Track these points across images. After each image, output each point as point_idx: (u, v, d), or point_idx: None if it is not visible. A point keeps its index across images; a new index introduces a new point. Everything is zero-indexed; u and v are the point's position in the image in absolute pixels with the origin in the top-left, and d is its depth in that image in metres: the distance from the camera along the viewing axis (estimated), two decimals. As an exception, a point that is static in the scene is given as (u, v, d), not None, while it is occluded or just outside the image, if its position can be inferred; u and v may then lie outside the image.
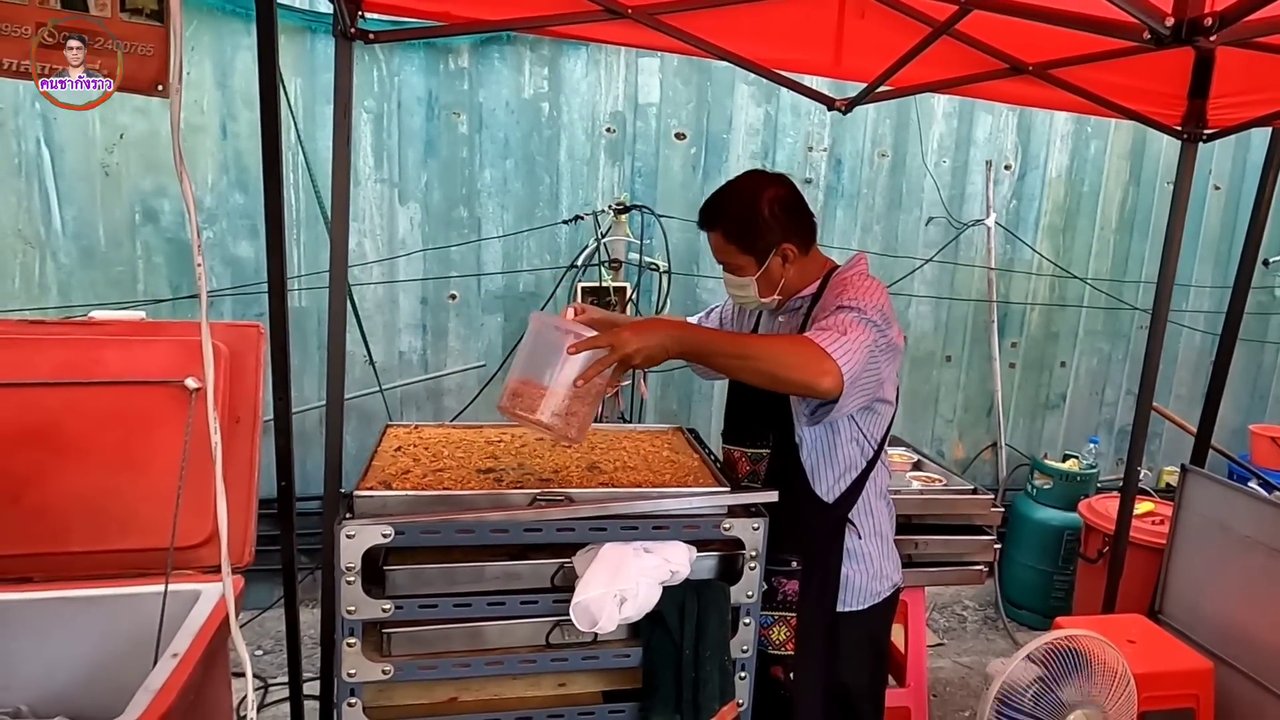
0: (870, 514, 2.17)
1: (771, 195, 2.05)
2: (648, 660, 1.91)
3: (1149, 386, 3.15)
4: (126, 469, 2.33)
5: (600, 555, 1.83)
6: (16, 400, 2.27)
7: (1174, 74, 2.83)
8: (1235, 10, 1.26)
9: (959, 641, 4.29)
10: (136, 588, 2.13)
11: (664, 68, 4.04)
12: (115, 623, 2.11)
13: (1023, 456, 4.84)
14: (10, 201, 3.53)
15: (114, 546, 2.25)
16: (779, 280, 2.11)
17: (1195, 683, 2.65)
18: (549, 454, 2.20)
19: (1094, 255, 4.79)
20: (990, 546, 3.14)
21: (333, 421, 2.24)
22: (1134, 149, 4.62)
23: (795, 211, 2.09)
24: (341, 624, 1.75)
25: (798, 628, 2.12)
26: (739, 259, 2.08)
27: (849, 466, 2.11)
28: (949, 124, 4.43)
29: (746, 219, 2.05)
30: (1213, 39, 1.30)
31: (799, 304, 2.16)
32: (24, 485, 2.24)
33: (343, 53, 2.14)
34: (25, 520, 2.23)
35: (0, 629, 2.07)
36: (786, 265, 2.09)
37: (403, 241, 3.96)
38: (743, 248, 2.06)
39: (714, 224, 2.08)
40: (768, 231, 2.04)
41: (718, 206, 2.09)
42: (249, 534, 2.42)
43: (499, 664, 1.85)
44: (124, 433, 2.34)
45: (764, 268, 2.07)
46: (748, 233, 2.05)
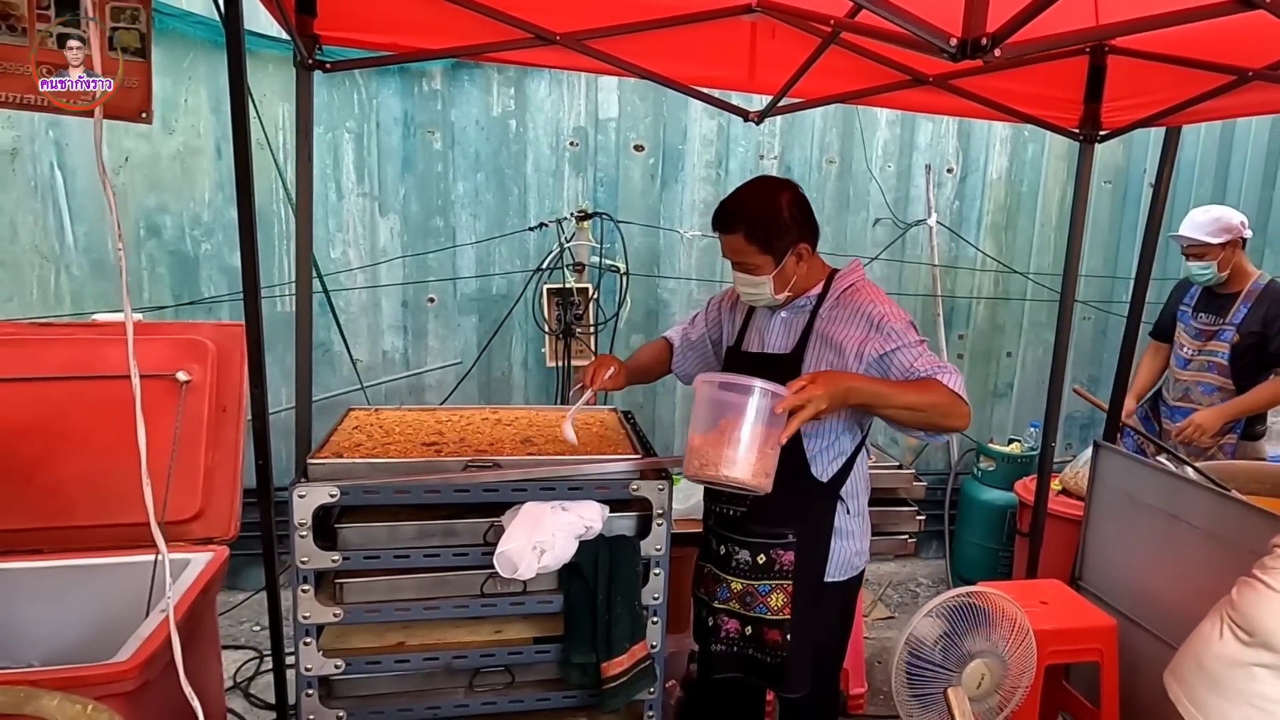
0: (857, 494, 2.30)
1: (789, 198, 2.14)
2: (568, 606, 2.12)
3: (1059, 369, 3.34)
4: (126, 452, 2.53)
5: (522, 512, 2.04)
6: (28, 393, 2.49)
7: (1070, 81, 2.95)
8: (1003, 31, 1.48)
9: (910, 614, 4.44)
10: (134, 557, 2.31)
11: (622, 85, 4.23)
12: (116, 588, 2.29)
13: (973, 442, 4.99)
14: (28, 220, 3.77)
15: (115, 521, 2.42)
16: (792, 278, 2.18)
17: (1100, 638, 2.77)
18: (489, 432, 2.42)
19: (1035, 251, 4.94)
20: (914, 517, 3.31)
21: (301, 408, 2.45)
22: (1070, 151, 4.75)
23: (807, 212, 2.19)
24: (296, 573, 1.97)
25: (794, 594, 2.22)
26: (757, 259, 2.13)
27: (842, 451, 2.23)
28: (892, 131, 4.61)
29: (767, 220, 2.11)
30: (996, 54, 1.51)
31: (805, 303, 2.24)
32: (35, 468, 2.45)
33: (303, 81, 2.35)
34: (36, 498, 2.44)
35: (14, 594, 2.27)
36: (800, 264, 2.17)
37: (384, 250, 4.16)
38: (763, 248, 2.12)
39: (735, 226, 2.13)
40: (786, 232, 2.12)
41: (739, 209, 2.14)
42: (234, 510, 2.63)
43: (436, 608, 2.07)
44: (123, 421, 2.54)
45: (780, 267, 2.14)
46: (768, 233, 2.11)
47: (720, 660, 2.31)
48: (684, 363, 2.58)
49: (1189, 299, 3.84)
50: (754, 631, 2.25)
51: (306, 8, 2.26)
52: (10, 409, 2.46)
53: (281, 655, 2.73)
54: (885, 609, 4.50)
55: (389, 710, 2.11)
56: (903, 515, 3.30)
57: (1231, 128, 5.02)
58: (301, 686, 2.03)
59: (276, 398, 3.84)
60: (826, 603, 2.28)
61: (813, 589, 2.24)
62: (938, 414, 2.00)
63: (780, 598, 2.22)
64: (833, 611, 2.33)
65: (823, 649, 2.33)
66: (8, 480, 2.43)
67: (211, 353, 2.64)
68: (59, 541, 2.40)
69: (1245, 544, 2.36)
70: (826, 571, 2.25)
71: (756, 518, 2.22)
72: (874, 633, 4.12)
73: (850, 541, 2.28)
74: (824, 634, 2.32)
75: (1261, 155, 5.11)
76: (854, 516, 2.28)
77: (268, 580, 2.65)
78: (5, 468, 2.44)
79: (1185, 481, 2.75)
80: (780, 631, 2.22)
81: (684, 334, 2.59)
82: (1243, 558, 2.00)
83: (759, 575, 2.22)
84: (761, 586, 2.22)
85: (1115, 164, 4.91)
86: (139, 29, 2.07)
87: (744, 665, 2.30)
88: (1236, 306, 3.64)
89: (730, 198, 2.18)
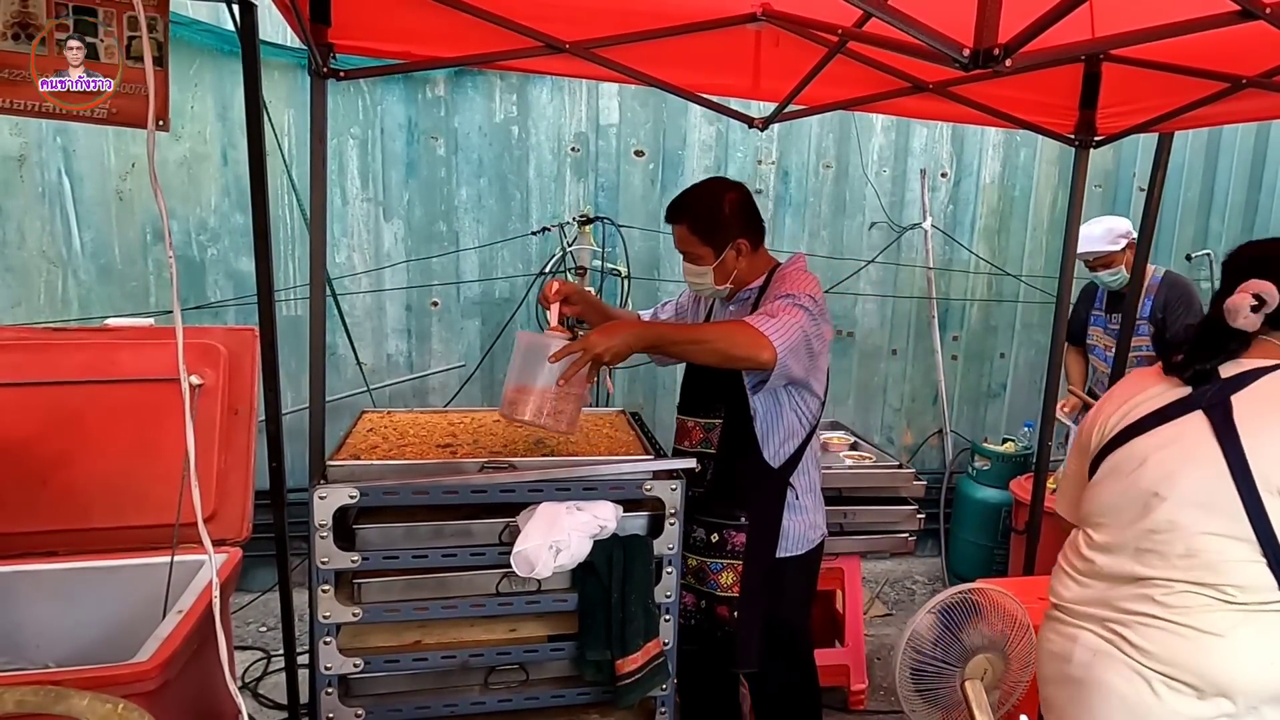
0: (806, 474, 2.44)
1: (733, 197, 2.34)
2: (583, 604, 2.14)
3: (1055, 370, 3.38)
4: (139, 455, 2.54)
5: (538, 512, 2.06)
6: (44, 397, 2.49)
7: (1065, 88, 2.98)
8: (1015, 42, 1.50)
9: (907, 612, 4.49)
10: (149, 559, 2.33)
11: (623, 92, 4.25)
12: (131, 589, 2.30)
13: (967, 441, 5.04)
14: (36, 226, 3.77)
15: (130, 523, 2.45)
16: (732, 270, 2.36)
17: (1094, 631, 2.83)
18: (502, 433, 2.44)
19: (1028, 254, 4.99)
20: (914, 516, 3.33)
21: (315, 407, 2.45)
22: (1061, 156, 4.82)
23: (749, 213, 2.38)
24: (316, 573, 1.98)
25: (743, 574, 2.35)
26: (700, 249, 2.33)
27: (791, 434, 2.36)
28: (887, 136, 4.65)
29: (709, 215, 2.32)
30: (1007, 64, 1.53)
31: (748, 295, 2.41)
32: (51, 471, 2.45)
33: (318, 89, 2.36)
34: (52, 501, 2.44)
35: (31, 596, 2.27)
36: (739, 258, 2.35)
37: (388, 254, 4.18)
38: (704, 239, 2.32)
39: (680, 217, 2.34)
40: (726, 227, 2.32)
41: (685, 203, 2.35)
42: (246, 510, 2.64)
43: (453, 608, 2.09)
44: (137, 424, 2.54)
45: (720, 259, 2.33)
46: (710, 227, 2.31)
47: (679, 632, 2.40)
48: None
49: (1099, 304, 4.05)
50: (706, 606, 2.39)
51: (321, 17, 2.27)
52: (26, 413, 2.46)
53: (294, 655, 2.74)
54: (883, 606, 4.53)
55: (406, 708, 2.13)
56: (903, 513, 3.32)
57: (1219, 133, 5.09)
58: (321, 685, 2.04)
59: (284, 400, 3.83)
60: (785, 578, 2.42)
61: (764, 568, 2.36)
62: (723, 344, 2.10)
63: (730, 576, 2.35)
64: (794, 586, 2.47)
65: (785, 624, 2.47)
66: (24, 483, 2.44)
67: (223, 357, 2.65)
68: (74, 544, 2.40)
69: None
70: (781, 547, 2.39)
71: (714, 498, 2.37)
72: (872, 629, 4.14)
73: (803, 516, 2.43)
74: (785, 609, 2.46)
75: (1248, 160, 5.17)
76: (805, 494, 2.43)
77: (280, 581, 2.66)
78: (21, 471, 2.44)
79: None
80: (729, 608, 2.35)
81: (654, 316, 2.76)
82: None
83: (712, 553, 2.36)
84: (714, 564, 2.36)
85: (1105, 168, 4.96)
86: (156, 38, 2.09)
87: (698, 638, 2.43)
88: (1142, 301, 3.86)
89: (682, 193, 2.39)
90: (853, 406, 4.92)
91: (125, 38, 2.08)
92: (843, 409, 4.86)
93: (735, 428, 2.36)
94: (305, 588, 3.06)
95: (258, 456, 2.63)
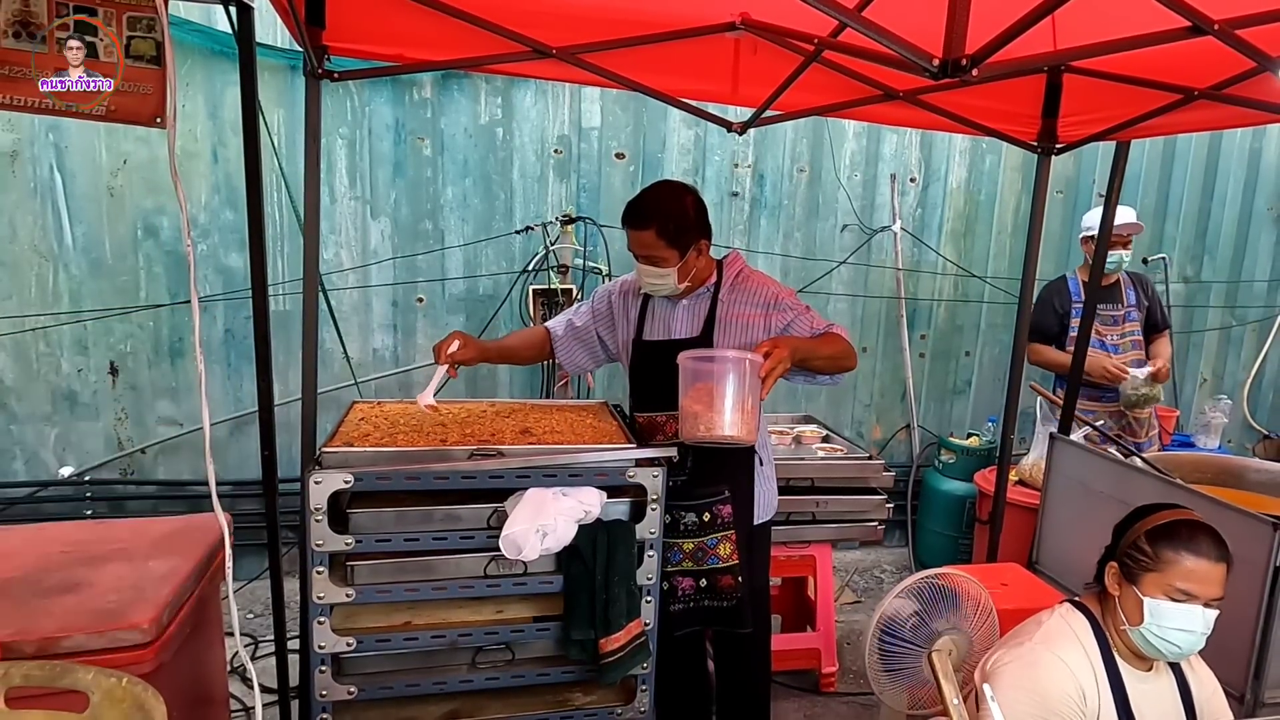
0: (765, 445, 2.62)
1: (692, 200, 2.41)
2: (567, 586, 2.18)
3: (1018, 367, 3.45)
4: None
5: (525, 497, 2.09)
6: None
7: (1029, 97, 3.05)
8: (982, 53, 1.56)
9: (876, 599, 4.56)
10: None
11: (604, 96, 4.29)
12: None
13: (933, 436, 5.12)
14: (28, 221, 3.75)
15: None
16: (692, 270, 2.43)
17: (1054, 616, 2.91)
18: (489, 423, 2.47)
19: (992, 257, 5.08)
20: (883, 505, 3.40)
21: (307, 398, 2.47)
22: (1024, 162, 4.91)
23: (705, 213, 2.46)
24: (311, 555, 2.01)
25: (737, 541, 2.46)
26: (665, 252, 2.35)
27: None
28: (859, 142, 4.72)
29: (674, 219, 2.35)
30: (974, 73, 1.59)
31: (704, 292, 2.49)
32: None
33: (312, 89, 2.38)
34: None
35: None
36: (699, 258, 2.43)
37: (375, 251, 4.19)
38: (670, 242, 2.34)
39: (648, 223, 2.34)
40: (690, 230, 2.37)
41: (653, 208, 2.36)
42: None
43: (443, 589, 2.12)
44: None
45: (684, 260, 2.38)
46: (676, 230, 2.34)
47: (678, 618, 2.48)
48: (569, 351, 2.75)
49: (1077, 297, 4.09)
50: (709, 582, 2.47)
51: (316, 19, 2.29)
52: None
53: (284, 639, 2.76)
54: (852, 594, 4.61)
55: (397, 686, 2.16)
56: (872, 503, 3.39)
57: (1173, 143, 5.21)
58: (315, 664, 2.06)
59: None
60: (756, 545, 2.58)
61: (746, 534, 2.49)
62: (845, 358, 2.35)
63: (727, 546, 2.46)
64: (762, 552, 2.65)
65: (758, 587, 2.62)
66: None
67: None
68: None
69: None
70: (756, 515, 2.54)
71: (696, 482, 2.45)
72: (842, 616, 4.21)
73: (768, 485, 2.61)
74: (759, 574, 2.64)
75: (1200, 168, 5.30)
76: (766, 464, 2.60)
77: (271, 566, 2.68)
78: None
79: (1134, 470, 2.87)
80: (732, 575, 2.46)
81: (569, 324, 2.74)
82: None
83: (706, 531, 2.45)
84: (710, 540, 2.45)
85: (1067, 175, 5.07)
86: (154, 38, 2.10)
87: (701, 616, 2.50)
88: (1124, 289, 4.06)
89: (642, 198, 2.41)
90: (824, 402, 4.99)
91: (125, 37, 2.09)
92: (814, 404, 4.92)
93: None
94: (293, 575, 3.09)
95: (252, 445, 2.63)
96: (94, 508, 4.05)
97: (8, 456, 3.96)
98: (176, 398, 4.07)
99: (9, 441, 3.95)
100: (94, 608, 1.78)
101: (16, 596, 1.83)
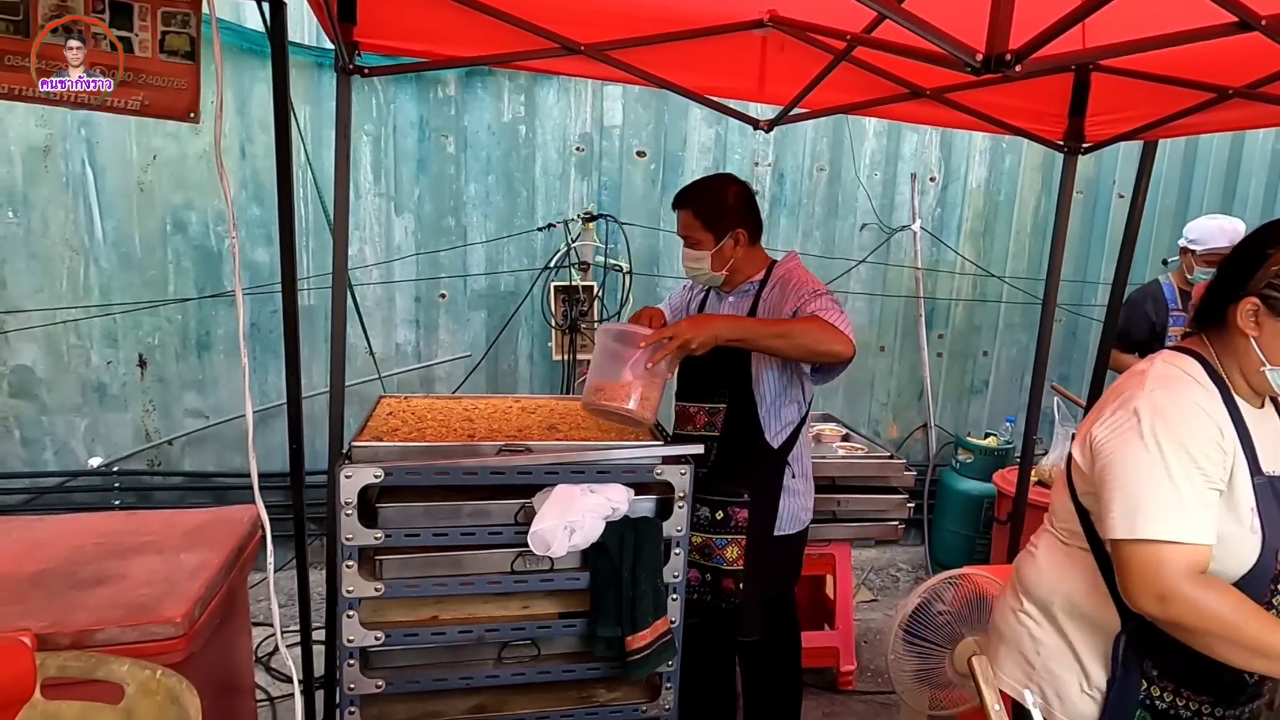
0: (801, 458, 2.51)
1: (736, 190, 2.45)
2: (594, 582, 2.15)
3: (1041, 367, 3.39)
4: None
5: (554, 494, 2.07)
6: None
7: (1055, 96, 2.99)
8: (1026, 49, 1.52)
9: (891, 598, 4.54)
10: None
11: (626, 94, 4.27)
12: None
13: (950, 436, 5.07)
14: (59, 215, 3.76)
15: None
16: (729, 259, 2.44)
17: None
18: (516, 419, 2.45)
19: (1011, 257, 5.02)
20: (903, 505, 3.36)
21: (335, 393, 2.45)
22: (1045, 162, 4.86)
23: (749, 206, 2.47)
24: (341, 549, 1.99)
25: (746, 547, 2.43)
26: (701, 234, 2.41)
27: (789, 421, 2.44)
28: (879, 141, 4.68)
29: (712, 202, 2.41)
30: (1017, 69, 1.55)
31: (749, 288, 2.49)
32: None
33: (343, 85, 2.36)
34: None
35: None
36: (736, 248, 2.43)
37: (398, 247, 4.18)
38: (705, 225, 2.40)
39: (686, 203, 2.43)
40: (727, 216, 2.40)
41: (691, 190, 2.45)
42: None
43: (471, 584, 2.10)
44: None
45: (719, 246, 2.40)
46: (712, 213, 2.40)
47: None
48: None
49: (1174, 304, 3.89)
50: (712, 580, 2.46)
51: (348, 15, 2.28)
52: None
53: (309, 629, 2.75)
54: (869, 592, 4.57)
55: (424, 680, 2.14)
56: (893, 503, 3.35)
57: (1195, 143, 5.13)
58: (343, 657, 2.05)
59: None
60: (778, 555, 2.51)
61: (764, 543, 2.44)
62: (810, 339, 2.14)
63: (734, 550, 2.43)
64: (785, 562, 2.56)
65: (778, 597, 2.58)
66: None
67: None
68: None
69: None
70: (777, 527, 2.46)
71: (717, 477, 2.42)
72: (859, 615, 4.18)
73: (797, 499, 2.50)
74: (779, 583, 2.57)
75: (1222, 169, 5.22)
76: (799, 478, 2.50)
77: (298, 558, 2.67)
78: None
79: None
80: (734, 580, 2.43)
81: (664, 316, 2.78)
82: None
83: (716, 529, 2.44)
84: (719, 540, 2.44)
85: (1087, 175, 5.00)
86: (189, 33, 2.08)
87: (702, 612, 2.48)
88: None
89: (691, 183, 2.50)
90: (841, 400, 4.95)
91: (159, 32, 2.07)
92: (831, 402, 4.89)
93: (739, 411, 2.42)
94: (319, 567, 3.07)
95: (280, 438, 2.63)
96: (122, 498, 4.05)
97: (38, 447, 3.97)
98: (203, 390, 4.07)
99: (40, 432, 3.96)
100: (127, 601, 1.77)
101: (51, 588, 1.82)
